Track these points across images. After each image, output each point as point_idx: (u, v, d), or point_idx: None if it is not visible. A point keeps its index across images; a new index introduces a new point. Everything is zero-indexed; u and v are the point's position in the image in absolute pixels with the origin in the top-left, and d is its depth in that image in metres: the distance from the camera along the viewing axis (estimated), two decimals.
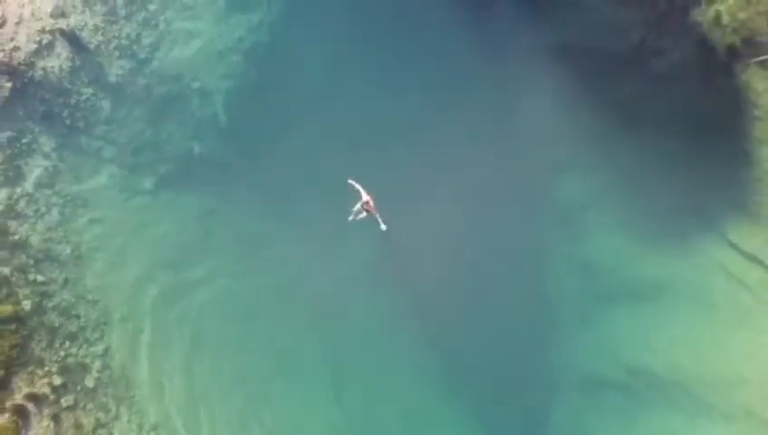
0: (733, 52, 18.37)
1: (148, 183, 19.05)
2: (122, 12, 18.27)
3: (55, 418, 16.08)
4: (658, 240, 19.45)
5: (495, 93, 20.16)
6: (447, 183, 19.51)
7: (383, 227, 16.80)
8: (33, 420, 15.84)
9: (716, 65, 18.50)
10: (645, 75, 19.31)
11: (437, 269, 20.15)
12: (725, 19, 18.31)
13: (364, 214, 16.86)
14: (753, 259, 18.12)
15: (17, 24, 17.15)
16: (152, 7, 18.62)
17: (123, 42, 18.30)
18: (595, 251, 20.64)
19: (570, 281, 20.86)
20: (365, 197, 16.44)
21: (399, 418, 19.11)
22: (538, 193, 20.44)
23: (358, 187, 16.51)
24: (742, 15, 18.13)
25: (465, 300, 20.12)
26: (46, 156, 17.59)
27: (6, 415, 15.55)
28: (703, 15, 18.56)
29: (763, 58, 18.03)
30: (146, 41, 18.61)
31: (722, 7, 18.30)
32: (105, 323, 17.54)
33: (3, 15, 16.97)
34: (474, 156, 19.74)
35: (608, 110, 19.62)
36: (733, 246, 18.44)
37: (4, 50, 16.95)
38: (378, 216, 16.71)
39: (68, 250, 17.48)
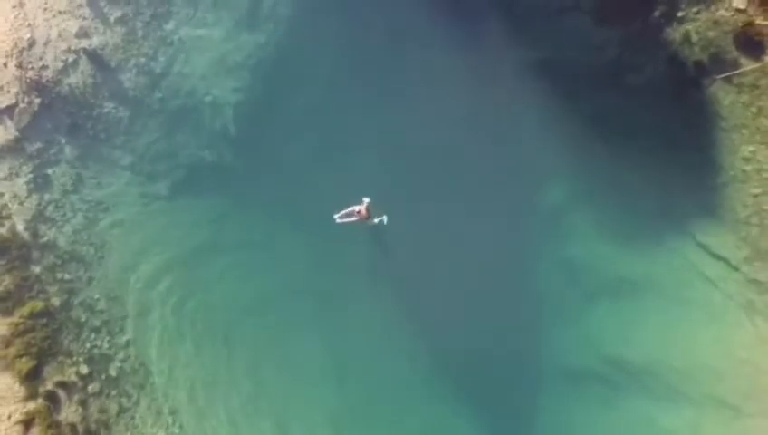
0: (701, 68, 20.02)
1: (163, 189, 20.59)
2: (140, 32, 19.87)
3: (83, 403, 17.74)
4: (635, 242, 20.99)
5: (483, 105, 21.63)
6: (439, 189, 21.03)
7: (383, 219, 17.97)
8: (63, 405, 17.49)
9: (686, 80, 20.15)
10: (621, 89, 20.88)
11: (432, 269, 21.59)
12: (694, 38, 19.98)
13: (354, 219, 18.13)
14: (720, 258, 19.72)
15: (45, 44, 18.78)
16: (168, 27, 20.21)
17: (141, 59, 19.91)
18: (577, 252, 22.11)
19: (554, 279, 22.25)
20: (358, 208, 17.65)
21: (394, 403, 20.65)
22: (524, 198, 21.88)
23: (347, 215, 17.84)
24: (710, 34, 19.81)
25: (458, 297, 21.48)
26: (71, 165, 19.22)
27: (39, 400, 17.21)
28: (674, 34, 20.22)
29: (728, 74, 19.66)
30: (162, 58, 20.21)
31: (691, 27, 19.97)
32: (125, 318, 19.17)
33: (32, 37, 18.58)
34: (464, 164, 21.25)
35: (588, 121, 21.16)
36: (702, 246, 20.03)
37: (33, 68, 18.57)
38: (373, 219, 18.03)
39: (92, 251, 19.10)
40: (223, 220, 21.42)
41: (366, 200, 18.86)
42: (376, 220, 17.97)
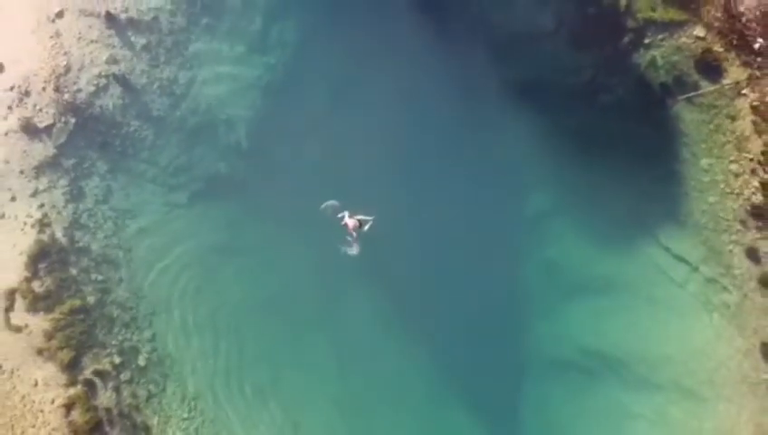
0: (666, 89, 22.36)
1: (183, 198, 22.81)
2: (163, 57, 22.10)
3: (116, 389, 20.01)
4: (608, 244, 23.35)
5: (471, 121, 23.96)
6: (431, 197, 23.32)
7: (353, 251, 18.93)
8: (99, 391, 19.76)
9: (653, 100, 22.48)
10: (595, 107, 23.24)
11: (425, 269, 23.90)
12: (660, 62, 22.31)
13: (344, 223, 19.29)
14: (682, 259, 22.08)
15: (79, 70, 20.99)
16: (187, 53, 22.45)
17: (164, 82, 22.15)
18: (557, 254, 24.48)
19: (536, 278, 24.64)
20: (344, 222, 18.93)
21: (390, 389, 22.96)
22: (509, 205, 24.24)
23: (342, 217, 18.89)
24: (673, 59, 22.15)
25: (449, 295, 23.82)
26: (102, 177, 21.43)
27: (78, 387, 19.47)
28: (642, 59, 22.54)
29: (689, 95, 21.99)
30: (182, 81, 22.45)
31: (657, 52, 22.30)
32: (152, 314, 21.41)
33: (68, 63, 20.80)
34: (453, 174, 23.55)
35: (565, 135, 23.49)
36: (666, 249, 22.39)
37: (69, 92, 20.79)
38: (354, 237, 18.97)
39: (121, 254, 21.33)
40: (236, 226, 23.64)
41: (367, 224, 19.24)
42: (366, 228, 19.27)
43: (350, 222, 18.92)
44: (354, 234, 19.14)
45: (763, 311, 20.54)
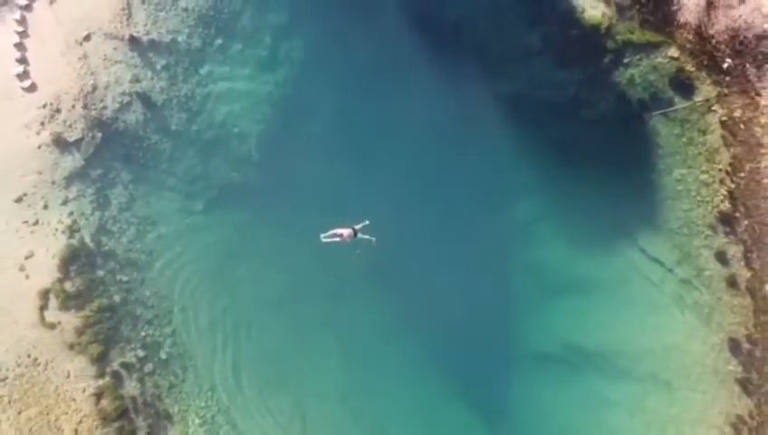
0: (643, 104, 24.36)
1: (199, 205, 24.66)
2: (181, 76, 24.00)
3: (141, 380, 22.02)
4: (590, 247, 25.30)
5: (464, 131, 25.86)
6: (426, 205, 25.23)
7: (372, 240, 19.81)
8: (126, 382, 21.77)
9: (631, 114, 24.49)
10: (579, 121, 25.17)
11: (421, 271, 25.74)
12: (637, 80, 24.28)
13: (338, 239, 20.72)
14: (657, 262, 24.08)
15: (105, 88, 22.90)
16: (203, 72, 24.34)
17: (181, 99, 24.05)
18: (543, 255, 26.39)
19: (524, 278, 26.53)
20: (340, 232, 19.83)
21: (390, 379, 24.93)
22: (499, 211, 26.13)
23: (331, 236, 19.81)
24: (650, 77, 24.12)
25: (443, 294, 25.59)
26: (125, 187, 23.34)
27: (107, 378, 21.46)
28: (621, 76, 24.50)
29: (664, 110, 23.97)
30: (198, 97, 24.34)
31: (635, 71, 24.26)
32: (171, 312, 23.37)
33: (95, 83, 22.71)
34: (447, 181, 25.47)
35: (551, 146, 25.40)
36: (643, 252, 24.38)
37: (96, 108, 22.70)
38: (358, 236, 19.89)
39: (143, 257, 23.27)
40: (247, 230, 25.47)
41: (360, 225, 20.12)
42: (366, 236, 20.00)
43: (345, 231, 19.83)
44: (348, 240, 20.06)
45: (730, 309, 22.59)
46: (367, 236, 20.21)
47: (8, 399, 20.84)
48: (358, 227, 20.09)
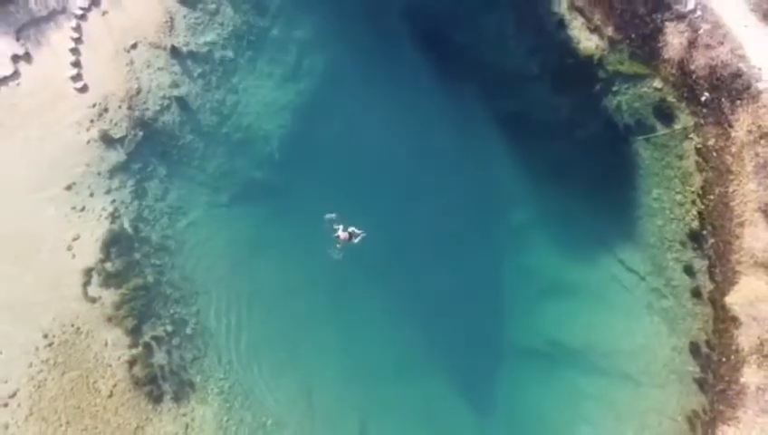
0: (628, 129, 27.04)
1: (225, 199, 27.37)
2: (214, 83, 26.77)
3: (169, 352, 24.96)
4: (574, 255, 28.00)
5: (465, 146, 28.54)
6: (429, 211, 27.92)
7: (337, 256, 22.32)
8: (156, 352, 24.72)
9: (618, 137, 27.16)
10: (571, 140, 27.82)
11: (424, 269, 28.43)
12: (624, 107, 26.94)
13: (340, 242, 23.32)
14: (632, 271, 26.84)
15: (147, 92, 25.70)
16: (234, 80, 27.09)
17: (214, 103, 26.83)
18: (534, 260, 29.04)
19: (515, 280, 29.18)
20: (337, 233, 22.23)
21: (388, 365, 27.70)
22: (496, 220, 28.81)
23: (338, 228, 22.23)
24: (635, 105, 26.78)
25: (443, 290, 28.24)
26: (161, 180, 26.15)
27: (140, 348, 24.41)
28: (610, 103, 27.17)
29: (647, 136, 26.62)
30: (228, 103, 27.11)
31: (622, 98, 26.95)
32: (196, 293, 26.20)
33: (139, 86, 25.51)
34: (448, 192, 28.15)
35: (545, 162, 28.03)
36: (620, 261, 27.13)
37: (139, 110, 25.50)
38: (341, 246, 22.46)
39: (174, 244, 26.10)
40: (266, 223, 28.07)
41: (359, 235, 22.51)
42: (356, 241, 22.38)
43: (343, 235, 22.48)
44: (343, 243, 22.65)
45: (692, 316, 25.40)
46: (358, 240, 22.58)
47: (53, 361, 23.79)
48: (357, 232, 22.59)
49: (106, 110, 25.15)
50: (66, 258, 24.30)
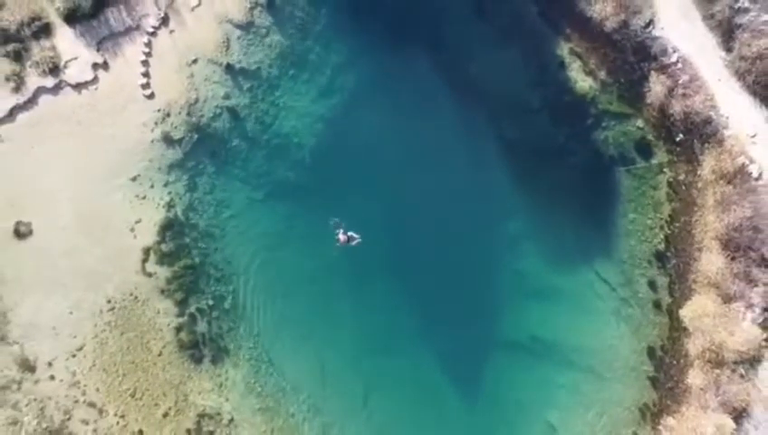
0: (613, 160, 31.18)
1: (261, 195, 31.63)
2: (260, 96, 31.13)
3: (209, 323, 29.70)
4: (559, 264, 32.24)
5: (470, 164, 32.72)
6: (433, 217, 32.12)
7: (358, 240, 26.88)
8: (198, 322, 29.47)
9: (604, 166, 31.31)
10: (564, 165, 31.87)
11: (427, 269, 32.56)
12: (610, 140, 31.09)
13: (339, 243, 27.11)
14: (606, 282, 31.16)
15: (203, 101, 30.16)
16: (277, 93, 31.42)
17: (259, 114, 31.23)
18: (524, 266, 33.12)
19: (506, 283, 33.31)
20: (337, 236, 26.70)
21: (393, 346, 32.14)
22: (492, 229, 32.98)
23: (338, 231, 26.83)
24: (620, 140, 30.96)
25: (441, 288, 32.34)
26: (209, 176, 30.69)
27: (185, 317, 29.17)
28: (599, 136, 31.32)
29: (628, 167, 30.79)
30: (271, 113, 31.48)
31: (609, 133, 31.11)
32: (233, 275, 30.83)
33: (197, 96, 29.97)
34: (451, 204, 32.29)
35: (539, 182, 32.09)
36: (596, 273, 31.42)
37: (196, 116, 29.98)
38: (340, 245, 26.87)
39: (218, 231, 30.65)
40: (294, 219, 32.31)
41: (356, 239, 27.04)
42: (353, 244, 26.73)
43: (342, 238, 26.86)
44: (342, 244, 27.06)
45: (652, 324, 29.91)
46: (355, 243, 26.99)
47: (114, 323, 28.57)
48: (355, 236, 26.95)
49: (168, 114, 29.62)
50: (129, 238, 29.00)
